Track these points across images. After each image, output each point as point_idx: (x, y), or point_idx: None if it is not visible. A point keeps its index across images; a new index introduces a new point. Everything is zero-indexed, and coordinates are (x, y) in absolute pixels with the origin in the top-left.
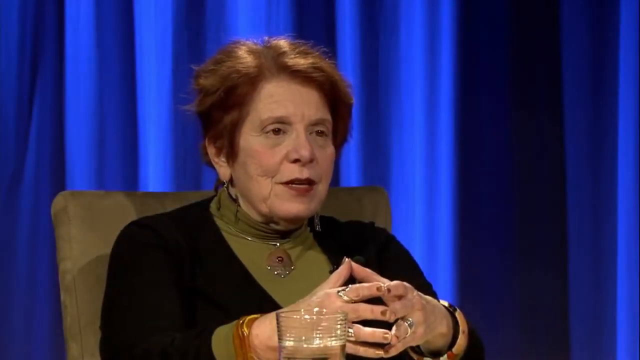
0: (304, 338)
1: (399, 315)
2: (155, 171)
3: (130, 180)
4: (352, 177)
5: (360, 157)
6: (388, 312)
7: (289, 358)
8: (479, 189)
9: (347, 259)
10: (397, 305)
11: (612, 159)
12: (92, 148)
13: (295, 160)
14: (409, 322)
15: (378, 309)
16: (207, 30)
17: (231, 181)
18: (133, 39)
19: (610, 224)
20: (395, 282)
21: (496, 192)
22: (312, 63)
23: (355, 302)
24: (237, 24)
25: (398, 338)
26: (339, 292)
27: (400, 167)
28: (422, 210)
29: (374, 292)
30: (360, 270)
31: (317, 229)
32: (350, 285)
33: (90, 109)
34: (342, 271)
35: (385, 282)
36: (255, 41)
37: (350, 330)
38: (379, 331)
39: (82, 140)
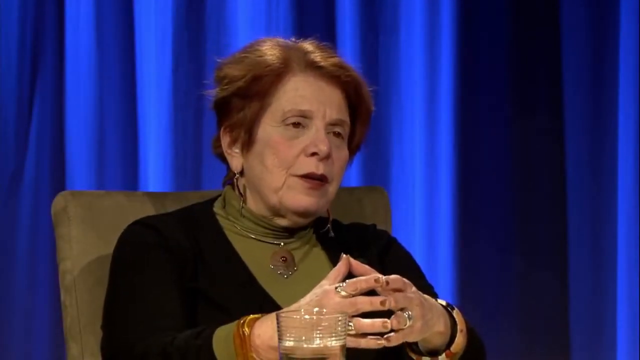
0: (304, 338)
1: (399, 305)
2: (155, 171)
3: (130, 180)
4: (352, 177)
5: (360, 157)
6: (387, 301)
7: (289, 358)
8: (479, 189)
9: (344, 255)
10: (397, 295)
11: (612, 158)
12: (92, 148)
13: (313, 154)
14: (407, 314)
15: (377, 299)
16: (207, 30)
17: (241, 173)
18: (133, 39)
19: (610, 224)
20: (393, 275)
21: (496, 192)
22: (339, 62)
23: (354, 296)
24: (237, 24)
25: (399, 323)
26: (336, 287)
27: (400, 167)
28: (422, 210)
29: (372, 284)
30: (358, 266)
31: (331, 234)
32: (347, 280)
33: (90, 109)
34: (340, 267)
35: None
36: (282, 39)
37: (350, 323)
38: (378, 320)
39: (82, 140)
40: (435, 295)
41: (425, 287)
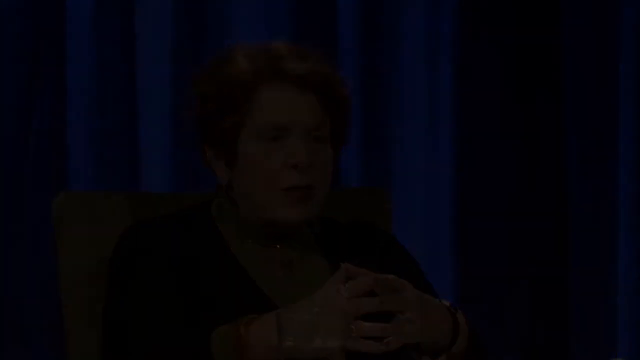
0: (304, 338)
1: (395, 308)
2: (155, 171)
3: (130, 180)
4: (352, 177)
5: (360, 157)
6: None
7: (289, 358)
8: (479, 189)
9: (343, 265)
10: (394, 297)
11: (613, 158)
12: (92, 148)
13: (294, 166)
14: (406, 317)
15: (377, 299)
16: (207, 30)
17: (230, 185)
18: (133, 39)
19: (611, 224)
20: (390, 275)
21: (496, 191)
22: (309, 67)
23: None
24: (237, 25)
25: (397, 327)
26: (339, 290)
27: (400, 167)
28: (422, 210)
29: (371, 284)
30: (357, 272)
31: (316, 231)
32: (349, 282)
33: (90, 109)
34: (337, 275)
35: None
36: (253, 45)
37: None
38: (378, 325)
39: (82, 140)
40: (435, 294)
41: (425, 287)
